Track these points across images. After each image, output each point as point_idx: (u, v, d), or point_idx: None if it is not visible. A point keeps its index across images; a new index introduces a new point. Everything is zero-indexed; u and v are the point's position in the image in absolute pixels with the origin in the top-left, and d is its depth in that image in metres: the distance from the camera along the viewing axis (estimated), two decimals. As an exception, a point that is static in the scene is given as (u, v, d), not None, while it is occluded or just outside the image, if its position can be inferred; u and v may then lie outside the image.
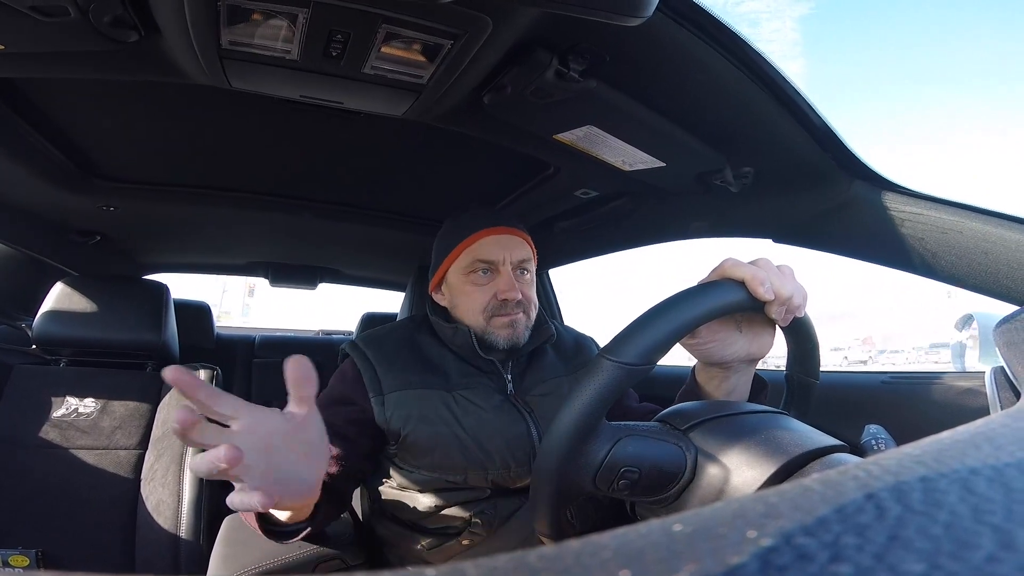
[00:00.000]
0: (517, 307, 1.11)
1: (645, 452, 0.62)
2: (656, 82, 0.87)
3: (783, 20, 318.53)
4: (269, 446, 0.64)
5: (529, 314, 1.14)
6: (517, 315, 1.11)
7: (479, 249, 1.12)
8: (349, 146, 1.33)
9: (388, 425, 1.03)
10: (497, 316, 1.11)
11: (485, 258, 1.12)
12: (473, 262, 1.12)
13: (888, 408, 1.31)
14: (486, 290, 1.12)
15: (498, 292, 1.10)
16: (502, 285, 1.11)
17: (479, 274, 1.12)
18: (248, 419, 0.62)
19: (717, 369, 0.81)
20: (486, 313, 1.11)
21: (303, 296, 4.56)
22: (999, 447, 0.25)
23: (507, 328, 1.11)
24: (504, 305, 1.10)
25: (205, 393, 0.59)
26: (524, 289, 1.13)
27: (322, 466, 0.73)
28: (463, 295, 1.14)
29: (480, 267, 1.12)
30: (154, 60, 0.84)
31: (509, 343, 1.11)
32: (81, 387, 1.59)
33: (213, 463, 0.55)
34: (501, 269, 1.12)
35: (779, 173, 1.04)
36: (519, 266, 1.14)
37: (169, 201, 1.58)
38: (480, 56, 0.79)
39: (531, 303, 1.15)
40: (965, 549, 0.17)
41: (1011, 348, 0.61)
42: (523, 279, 1.15)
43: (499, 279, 1.12)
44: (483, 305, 1.11)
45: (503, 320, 1.11)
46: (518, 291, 1.10)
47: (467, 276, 1.13)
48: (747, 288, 0.66)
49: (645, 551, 0.17)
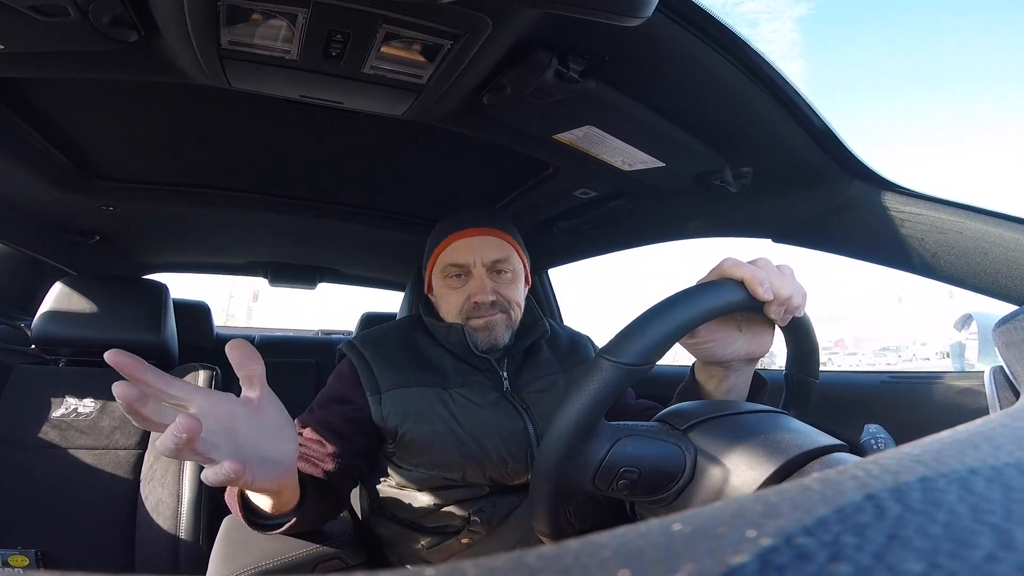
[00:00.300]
0: (492, 308, 1.11)
1: (644, 452, 0.62)
2: (655, 82, 0.87)
3: (782, 20, 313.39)
4: (230, 427, 0.65)
5: (510, 314, 1.14)
6: (493, 316, 1.11)
7: (450, 253, 1.13)
8: (348, 146, 1.33)
9: (385, 423, 1.04)
10: (473, 318, 1.11)
11: (455, 262, 1.12)
12: (446, 266, 1.13)
13: (887, 408, 1.31)
14: (460, 293, 1.13)
15: (471, 295, 1.11)
16: (472, 288, 1.11)
17: (453, 278, 1.14)
18: (203, 402, 0.63)
19: (717, 368, 0.81)
20: (462, 315, 1.12)
21: (304, 300, 4.56)
22: (998, 447, 0.25)
23: (483, 330, 1.11)
24: (477, 308, 1.11)
25: (153, 376, 0.59)
26: (501, 289, 1.13)
27: (291, 447, 0.74)
28: (442, 298, 1.16)
29: (452, 271, 1.13)
30: (154, 60, 0.84)
31: (488, 344, 1.11)
32: (80, 387, 1.59)
33: (173, 436, 0.56)
34: (472, 271, 1.12)
35: (778, 173, 1.04)
36: (493, 267, 1.13)
37: (168, 201, 1.58)
38: (480, 56, 0.79)
39: (511, 302, 1.14)
40: (964, 548, 0.17)
41: (1010, 348, 0.61)
42: (500, 279, 1.14)
43: (471, 282, 1.12)
44: (459, 308, 1.13)
45: (478, 322, 1.11)
46: (490, 293, 1.10)
47: (444, 280, 1.15)
48: (746, 288, 0.66)
49: (644, 551, 0.17)
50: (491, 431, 1.05)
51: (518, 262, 1.18)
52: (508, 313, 1.13)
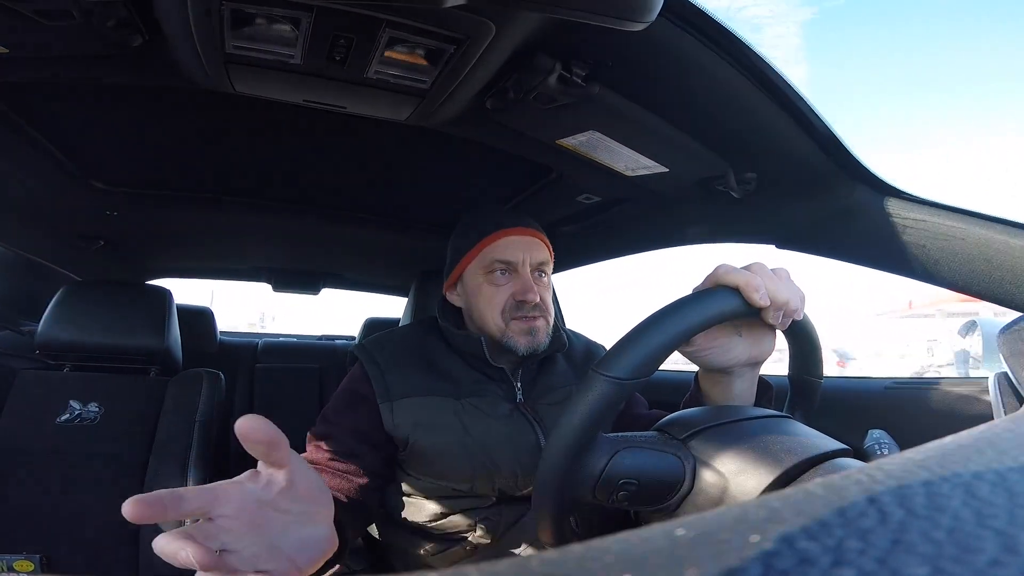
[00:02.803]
0: (535, 310, 1.08)
1: (643, 464, 0.61)
2: (659, 87, 0.87)
3: (786, 25, 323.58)
4: (258, 523, 0.57)
5: (548, 320, 1.11)
6: (536, 321, 1.08)
7: (498, 249, 1.09)
8: (351, 151, 1.34)
9: (395, 432, 1.02)
10: (515, 319, 1.07)
11: (504, 258, 1.08)
12: (492, 262, 1.09)
13: (891, 413, 1.31)
14: (504, 291, 1.08)
15: (515, 293, 1.07)
16: (520, 286, 1.08)
17: (497, 274, 1.09)
18: (224, 507, 0.55)
19: (719, 374, 0.80)
20: (505, 315, 1.08)
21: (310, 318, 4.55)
22: (1002, 452, 0.25)
23: (526, 335, 1.07)
24: (521, 307, 1.07)
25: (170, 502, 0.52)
26: (542, 293, 1.10)
27: (327, 514, 0.65)
28: (480, 296, 1.10)
29: (499, 267, 1.09)
30: (158, 64, 0.84)
31: (529, 349, 1.08)
32: (84, 392, 1.59)
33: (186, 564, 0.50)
34: (520, 270, 1.09)
35: (782, 178, 1.04)
36: (538, 268, 1.11)
37: (172, 206, 1.58)
38: (483, 61, 0.79)
39: (548, 309, 1.11)
40: (968, 553, 0.17)
41: (1015, 354, 0.61)
42: (541, 282, 1.11)
43: (517, 280, 1.09)
44: (501, 306, 1.08)
45: (522, 326, 1.07)
46: (537, 293, 1.07)
47: (485, 276, 1.10)
48: (742, 295, 0.65)
49: (648, 556, 0.17)
50: (502, 444, 1.03)
51: (551, 268, 1.16)
52: (547, 319, 1.11)
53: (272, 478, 0.58)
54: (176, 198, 1.55)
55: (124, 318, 1.65)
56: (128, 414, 1.59)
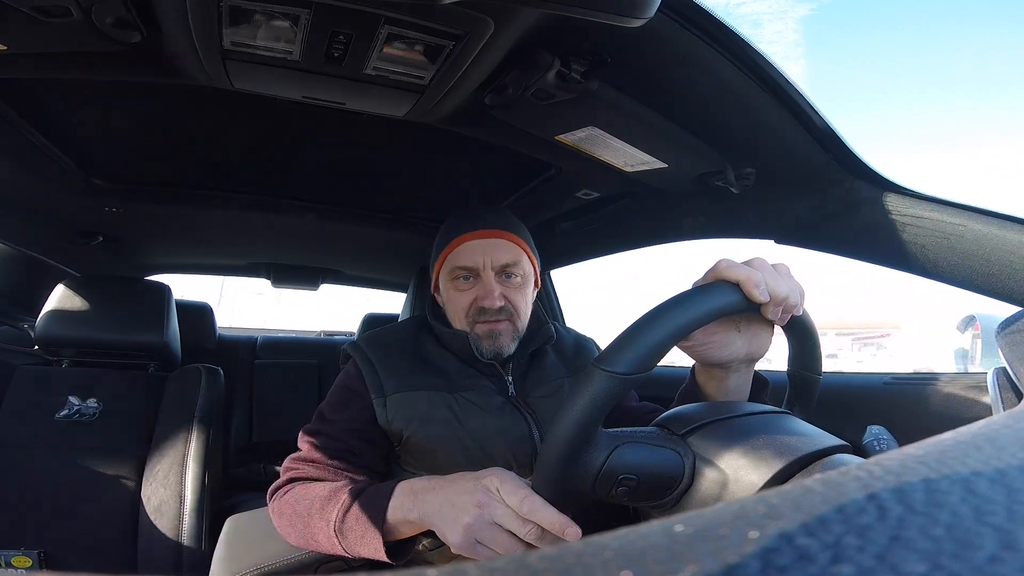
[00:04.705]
0: (499, 314, 1.08)
1: (642, 459, 0.61)
2: (658, 83, 0.87)
3: (785, 21, 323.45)
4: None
5: (515, 322, 1.11)
6: (499, 324, 1.08)
7: (459, 255, 1.10)
8: (350, 147, 1.33)
9: (390, 426, 1.03)
10: (478, 323, 1.08)
11: (464, 264, 1.09)
12: (453, 269, 1.10)
13: (890, 409, 1.31)
14: (467, 296, 1.09)
15: (477, 298, 1.08)
16: (481, 292, 1.08)
17: (460, 280, 1.10)
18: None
19: (717, 370, 0.80)
20: (469, 319, 1.09)
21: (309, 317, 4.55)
22: (1001, 448, 0.25)
23: (488, 338, 1.08)
24: (483, 312, 1.08)
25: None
26: (510, 294, 1.10)
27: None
28: (449, 301, 1.13)
29: (460, 273, 1.10)
30: (156, 61, 0.84)
31: (492, 352, 1.09)
32: (83, 388, 1.59)
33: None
34: (481, 275, 1.09)
35: (781, 174, 1.04)
36: (503, 270, 1.10)
37: (170, 202, 1.58)
38: (481, 57, 0.79)
39: (518, 310, 1.11)
40: (967, 550, 0.17)
41: (1014, 349, 0.61)
42: (509, 283, 1.11)
43: (480, 285, 1.09)
44: (464, 311, 1.09)
45: (484, 328, 1.08)
46: (498, 298, 1.07)
47: (451, 282, 1.11)
48: (742, 290, 0.65)
49: (646, 552, 0.17)
50: (496, 436, 1.04)
51: (528, 265, 1.15)
52: (513, 322, 1.10)
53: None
54: (175, 194, 1.55)
55: (123, 314, 1.65)
56: (127, 410, 1.59)
